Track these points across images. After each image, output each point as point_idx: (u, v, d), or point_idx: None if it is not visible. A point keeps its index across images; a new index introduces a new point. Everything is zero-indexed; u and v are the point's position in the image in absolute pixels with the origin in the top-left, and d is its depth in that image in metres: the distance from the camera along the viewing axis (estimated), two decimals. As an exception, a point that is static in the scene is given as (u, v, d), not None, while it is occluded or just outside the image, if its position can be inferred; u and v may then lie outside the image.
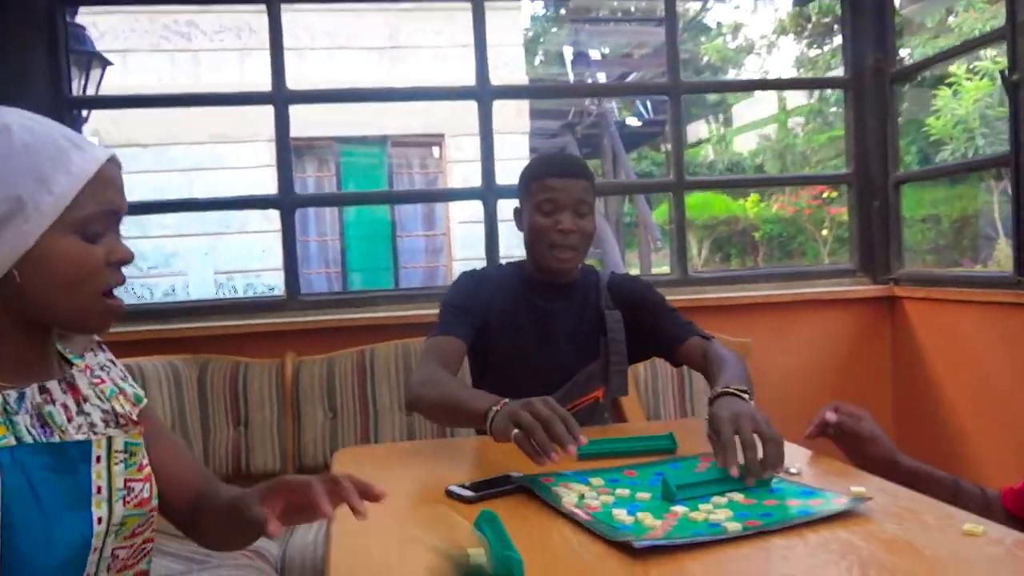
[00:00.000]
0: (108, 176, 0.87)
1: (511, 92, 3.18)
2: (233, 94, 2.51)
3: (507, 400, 1.27)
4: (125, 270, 0.91)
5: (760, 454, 1.12)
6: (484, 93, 2.52)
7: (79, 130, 3.23)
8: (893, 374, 2.67)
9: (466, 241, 6.54)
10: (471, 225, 6.30)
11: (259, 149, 5.16)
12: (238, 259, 6.03)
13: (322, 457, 2.24)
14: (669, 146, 3.25)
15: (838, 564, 0.87)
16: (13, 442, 0.85)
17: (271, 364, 2.30)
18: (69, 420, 0.90)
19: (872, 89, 2.68)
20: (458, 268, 6.62)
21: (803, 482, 1.17)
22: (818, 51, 13.88)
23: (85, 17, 3.78)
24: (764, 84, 7.43)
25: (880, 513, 1.03)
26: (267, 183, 2.40)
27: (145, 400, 1.01)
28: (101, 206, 0.86)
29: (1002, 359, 2.24)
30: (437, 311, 1.67)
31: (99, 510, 0.89)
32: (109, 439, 0.93)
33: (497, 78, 2.60)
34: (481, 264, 1.99)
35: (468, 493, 1.15)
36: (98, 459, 0.91)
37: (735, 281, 2.70)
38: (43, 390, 0.90)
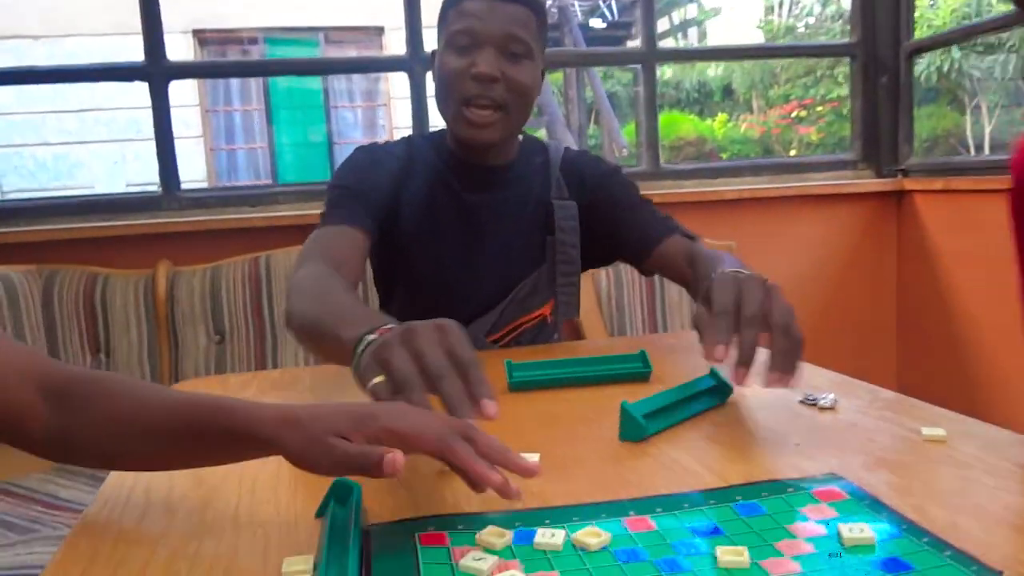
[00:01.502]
0: None
1: None
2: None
3: (393, 325, 0.74)
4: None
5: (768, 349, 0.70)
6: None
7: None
8: (899, 278, 2.28)
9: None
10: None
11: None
12: (152, 170, 5.43)
13: (207, 391, 1.79)
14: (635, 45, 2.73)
15: None
16: None
17: (139, 276, 1.82)
18: None
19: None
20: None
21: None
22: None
23: None
24: None
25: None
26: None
27: None
28: None
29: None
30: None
31: None
32: None
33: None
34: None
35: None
36: None
37: (716, 174, 2.25)
38: None
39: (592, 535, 0.53)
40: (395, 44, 5.86)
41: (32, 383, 0.68)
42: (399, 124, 6.11)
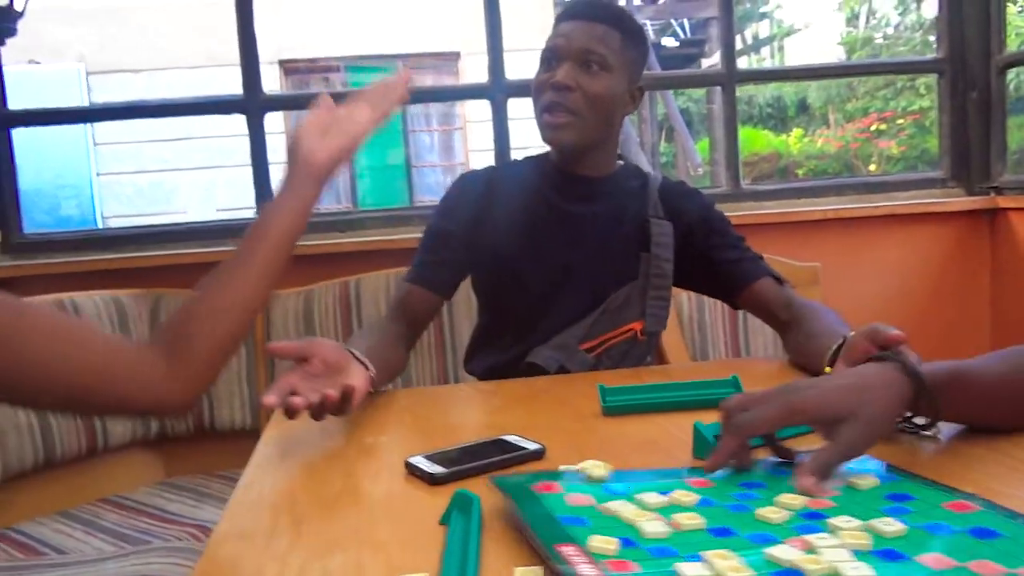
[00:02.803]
0: None
1: None
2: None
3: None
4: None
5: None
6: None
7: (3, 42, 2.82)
8: (992, 301, 2.21)
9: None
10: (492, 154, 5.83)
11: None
12: (243, 195, 5.65)
13: (300, 410, 1.86)
14: (710, 63, 2.73)
15: None
16: None
17: (237, 299, 1.90)
18: None
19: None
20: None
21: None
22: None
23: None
24: None
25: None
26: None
27: None
28: None
29: None
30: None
31: None
32: None
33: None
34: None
35: (436, 469, 0.75)
36: None
37: (799, 194, 2.23)
38: None
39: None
40: (471, 69, 5.98)
41: (134, 352, 0.75)
42: (475, 147, 6.22)
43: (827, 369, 0.99)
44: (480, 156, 6.16)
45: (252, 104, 2.01)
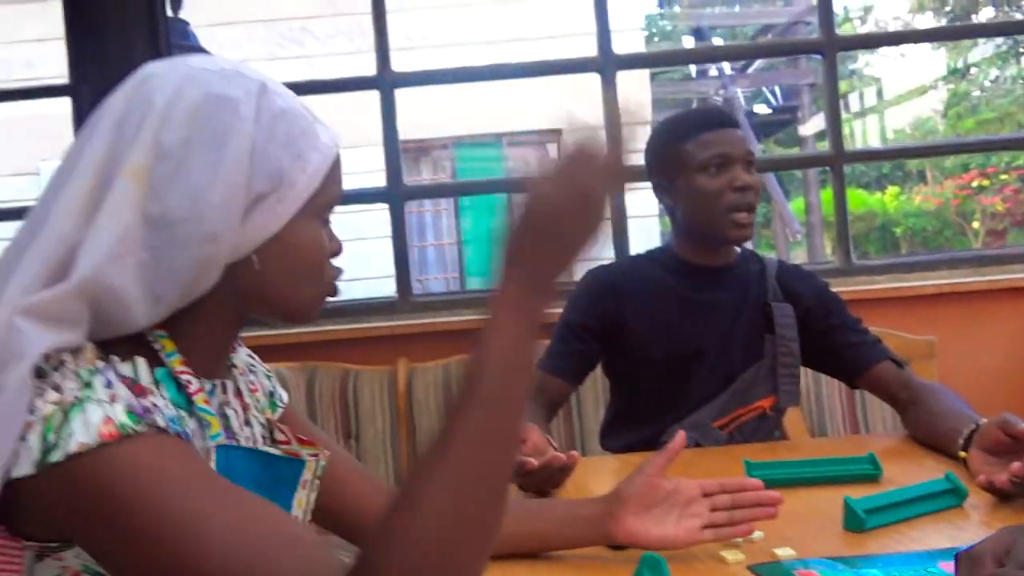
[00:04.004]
0: (339, 158, 0.73)
1: (637, 61, 2.78)
2: (338, 80, 2.33)
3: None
4: None
5: None
6: (607, 63, 2.23)
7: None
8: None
9: (586, 244, 6.20)
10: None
11: (370, 153, 5.06)
12: (353, 267, 5.93)
13: (439, 474, 2.01)
14: (804, 130, 2.82)
15: None
16: (224, 440, 0.69)
17: (383, 372, 2.09)
18: (240, 429, 0.75)
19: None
20: (583, 270, 6.28)
21: None
22: (960, 24, 12.74)
23: (205, 30, 3.76)
24: (950, 32, 6.24)
25: None
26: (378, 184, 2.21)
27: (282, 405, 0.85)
28: (338, 191, 0.73)
29: None
30: (560, 310, 1.45)
31: None
32: (317, 462, 0.75)
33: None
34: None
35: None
36: (303, 484, 0.74)
37: (911, 269, 2.28)
38: (224, 388, 0.74)
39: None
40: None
41: (383, 496, 0.85)
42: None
43: (962, 454, 1.08)
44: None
45: (396, 193, 2.23)
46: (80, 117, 2.20)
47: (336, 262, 0.75)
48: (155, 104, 0.65)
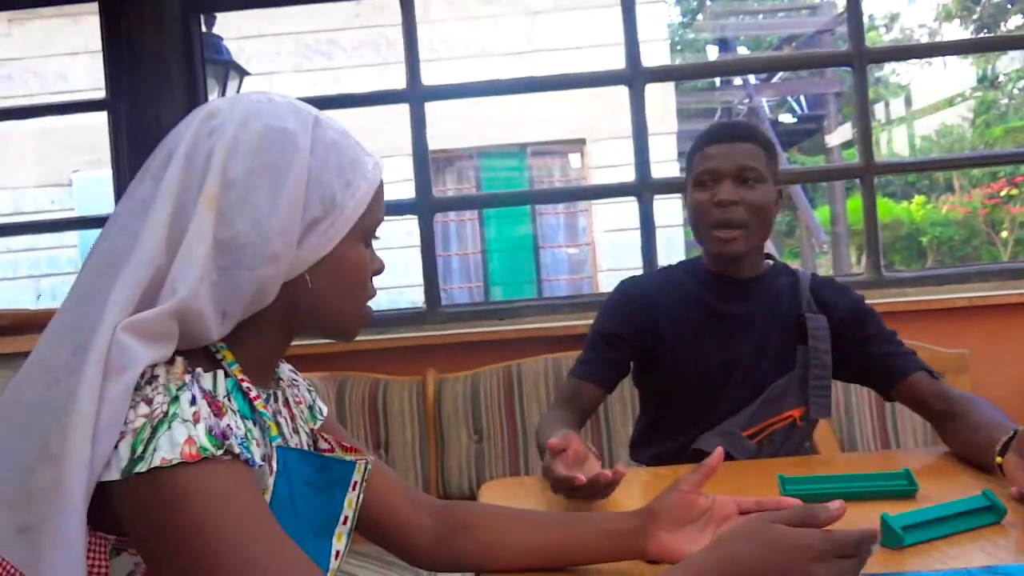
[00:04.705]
0: (382, 184, 0.81)
1: (665, 74, 2.79)
2: (368, 94, 2.36)
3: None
4: None
5: None
6: (635, 76, 2.24)
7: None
8: None
9: (612, 252, 6.18)
10: (617, 234, 5.99)
11: (398, 164, 5.10)
12: (380, 277, 5.97)
13: (467, 484, 2.03)
14: (831, 139, 2.81)
15: None
16: (281, 442, 0.75)
17: (412, 382, 2.11)
18: (290, 436, 0.81)
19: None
20: (604, 280, 6.28)
21: None
22: (991, 36, 12.62)
23: (234, 43, 3.83)
24: (980, 44, 6.15)
25: None
26: (407, 196, 2.25)
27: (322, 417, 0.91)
28: (381, 214, 0.81)
29: None
30: (586, 321, 1.47)
31: (339, 543, 0.80)
32: (366, 464, 0.82)
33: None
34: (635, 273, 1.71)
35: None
36: (354, 486, 0.81)
37: (942, 281, 2.27)
38: (275, 397, 0.81)
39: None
40: (595, 154, 6.23)
41: (416, 506, 0.92)
42: (599, 227, 6.44)
43: (998, 459, 1.07)
44: (607, 238, 6.35)
45: (425, 205, 2.26)
46: (117, 131, 2.25)
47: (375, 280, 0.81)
48: (222, 138, 0.70)
